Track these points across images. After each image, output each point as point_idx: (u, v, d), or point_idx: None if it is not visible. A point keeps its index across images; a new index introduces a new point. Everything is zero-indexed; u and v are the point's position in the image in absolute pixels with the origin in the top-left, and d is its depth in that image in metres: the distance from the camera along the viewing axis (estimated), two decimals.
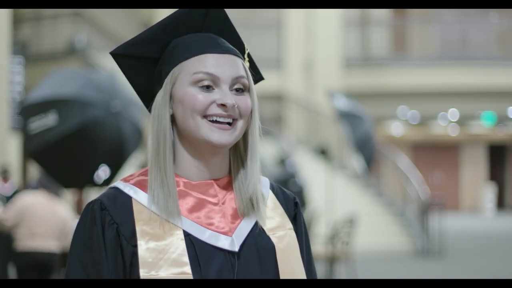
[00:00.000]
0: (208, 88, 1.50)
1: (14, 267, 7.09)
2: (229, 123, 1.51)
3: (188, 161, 1.54)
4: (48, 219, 6.66)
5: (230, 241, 1.51)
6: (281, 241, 1.56)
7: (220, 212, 1.54)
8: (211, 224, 1.52)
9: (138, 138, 6.14)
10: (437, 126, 24.24)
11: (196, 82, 1.51)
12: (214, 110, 1.50)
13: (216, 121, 1.50)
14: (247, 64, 1.59)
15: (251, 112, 1.54)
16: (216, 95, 1.50)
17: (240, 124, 1.52)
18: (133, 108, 6.05)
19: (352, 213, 10.40)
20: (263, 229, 1.56)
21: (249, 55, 1.61)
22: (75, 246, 1.52)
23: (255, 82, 1.64)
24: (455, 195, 26.24)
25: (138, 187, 1.54)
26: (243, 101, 1.52)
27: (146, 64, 1.59)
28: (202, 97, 1.50)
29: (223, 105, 1.49)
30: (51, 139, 5.66)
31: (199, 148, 1.53)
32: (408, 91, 18.27)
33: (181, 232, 1.49)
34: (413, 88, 18.18)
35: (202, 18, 1.57)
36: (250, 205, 1.55)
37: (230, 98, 1.49)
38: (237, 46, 1.60)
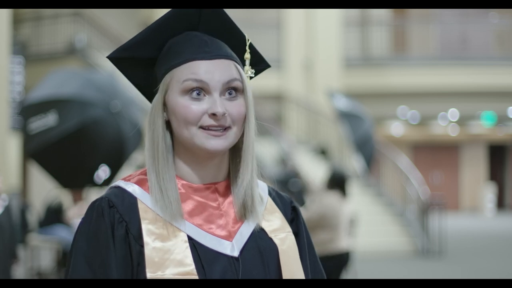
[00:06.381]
0: (198, 95, 1.49)
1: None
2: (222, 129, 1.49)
3: (187, 164, 1.54)
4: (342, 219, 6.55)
5: (230, 246, 1.51)
6: (283, 243, 1.56)
7: (221, 216, 1.53)
8: (211, 228, 1.51)
9: (138, 138, 6.14)
10: (437, 126, 24.23)
11: (186, 91, 1.49)
12: (207, 121, 1.48)
13: (209, 129, 1.49)
14: (248, 56, 1.56)
15: (245, 115, 1.52)
16: (206, 103, 1.48)
17: (233, 131, 1.50)
18: (133, 108, 6.05)
19: (352, 213, 10.39)
20: (264, 231, 1.55)
21: (251, 46, 1.58)
22: (81, 244, 1.48)
23: (261, 70, 1.63)
24: (455, 195, 26.22)
25: (140, 186, 1.53)
26: (235, 107, 1.50)
27: (145, 64, 1.57)
28: (193, 108, 1.48)
29: (213, 115, 1.48)
30: (51, 139, 5.66)
31: (196, 153, 1.52)
32: (408, 91, 18.27)
33: (185, 234, 1.48)
34: (413, 88, 18.17)
35: (197, 15, 1.54)
36: (248, 208, 1.54)
37: (220, 107, 1.47)
38: (237, 39, 1.57)
